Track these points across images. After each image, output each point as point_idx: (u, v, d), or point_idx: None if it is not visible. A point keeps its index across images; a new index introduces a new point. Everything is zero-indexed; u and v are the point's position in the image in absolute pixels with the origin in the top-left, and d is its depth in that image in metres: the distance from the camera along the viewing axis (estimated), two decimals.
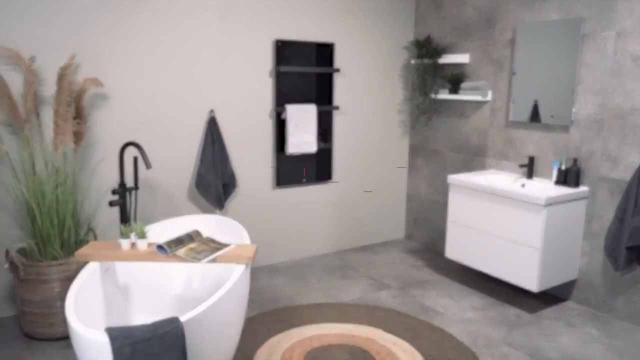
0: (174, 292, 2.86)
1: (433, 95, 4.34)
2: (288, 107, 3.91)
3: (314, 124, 4.03)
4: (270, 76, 3.90)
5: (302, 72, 4.02)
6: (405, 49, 4.56)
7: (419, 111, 4.62)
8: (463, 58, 4.07)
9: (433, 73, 4.39)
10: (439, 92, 4.34)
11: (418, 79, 4.56)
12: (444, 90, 4.31)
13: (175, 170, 3.60)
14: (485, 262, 3.49)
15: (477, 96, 3.93)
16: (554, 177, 3.45)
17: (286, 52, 3.95)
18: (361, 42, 4.29)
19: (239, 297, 2.22)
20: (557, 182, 3.43)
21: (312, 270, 4.02)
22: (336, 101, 4.25)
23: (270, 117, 3.95)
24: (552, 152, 3.55)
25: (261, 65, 3.84)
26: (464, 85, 4.09)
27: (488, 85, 3.94)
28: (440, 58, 4.24)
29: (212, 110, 3.65)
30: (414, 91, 4.66)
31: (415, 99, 4.66)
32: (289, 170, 4.13)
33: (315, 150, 4.07)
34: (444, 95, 4.19)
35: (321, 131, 4.23)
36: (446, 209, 4.44)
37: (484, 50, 3.96)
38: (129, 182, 3.42)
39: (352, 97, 4.33)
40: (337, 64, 4.19)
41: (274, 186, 4.06)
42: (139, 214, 3.49)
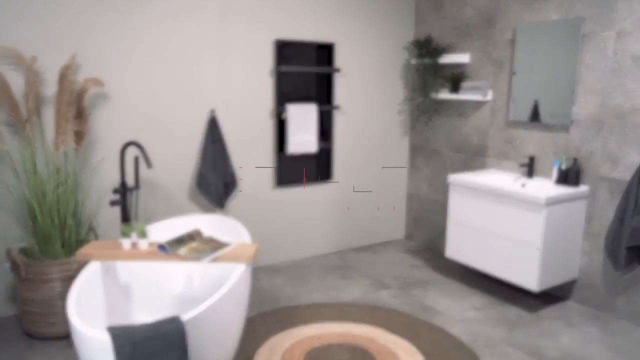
0: (174, 292, 2.87)
1: (433, 95, 4.35)
2: (288, 106, 3.92)
3: (314, 124, 4.04)
4: (270, 76, 3.90)
5: (302, 72, 4.02)
6: (405, 48, 4.57)
7: (419, 111, 4.62)
8: (463, 58, 4.07)
9: (433, 73, 4.39)
10: (439, 92, 4.35)
11: (418, 78, 4.56)
12: (444, 90, 4.31)
13: (175, 169, 3.61)
14: (486, 262, 3.50)
15: (477, 96, 3.94)
16: (554, 177, 3.45)
17: (286, 52, 3.96)
18: (361, 41, 4.30)
19: (239, 297, 2.22)
20: (557, 182, 3.44)
21: (312, 270, 4.03)
22: (336, 101, 4.25)
23: (270, 117, 3.96)
24: (552, 152, 3.56)
25: (261, 65, 3.85)
26: (464, 85, 4.10)
27: (488, 85, 3.95)
28: (440, 58, 4.25)
29: (212, 110, 3.65)
30: (414, 91, 4.66)
31: (415, 98, 4.66)
32: (289, 170, 4.13)
33: (315, 150, 4.08)
34: (444, 95, 4.20)
35: (321, 131, 4.24)
36: (446, 208, 4.44)
37: (484, 50, 3.96)
38: (129, 181, 3.43)
39: (352, 97, 4.33)
40: (337, 63, 4.19)
41: (274, 186, 4.06)
42: (139, 213, 3.49)
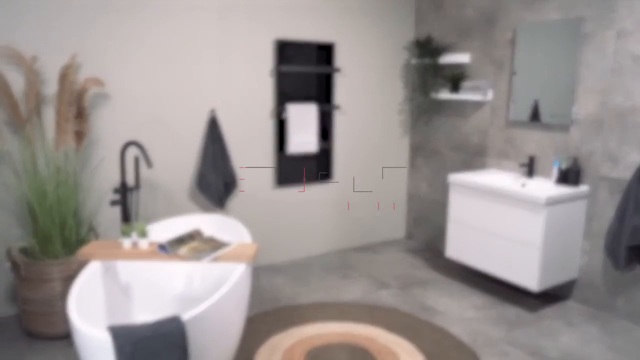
0: (175, 291, 2.87)
1: (433, 95, 4.35)
2: (288, 106, 3.92)
3: (314, 124, 4.04)
4: (270, 76, 3.90)
5: (302, 71, 4.03)
6: (405, 48, 4.57)
7: (419, 111, 4.62)
8: (463, 58, 4.07)
9: (433, 73, 4.39)
10: (439, 91, 4.35)
11: (418, 78, 4.56)
12: (444, 90, 4.31)
13: (176, 169, 3.61)
14: (486, 262, 3.50)
15: (478, 96, 3.94)
16: (554, 177, 3.46)
17: (286, 51, 3.96)
18: (361, 41, 4.30)
19: (240, 296, 2.22)
20: (557, 182, 3.44)
21: (312, 270, 4.03)
22: (336, 101, 4.25)
23: (270, 117, 3.96)
24: (552, 152, 3.56)
25: (261, 65, 3.85)
26: (464, 85, 4.10)
27: (488, 85, 3.95)
28: (440, 58, 4.25)
29: (212, 110, 3.65)
30: (414, 91, 4.66)
31: (415, 98, 4.66)
32: (289, 170, 4.13)
33: (315, 149, 4.08)
34: (444, 95, 4.20)
35: (322, 131, 4.24)
36: (446, 208, 4.44)
37: (485, 50, 3.96)
38: (130, 181, 3.43)
39: (352, 97, 4.33)
40: (337, 63, 4.20)
41: (274, 186, 4.06)
42: (140, 213, 3.49)
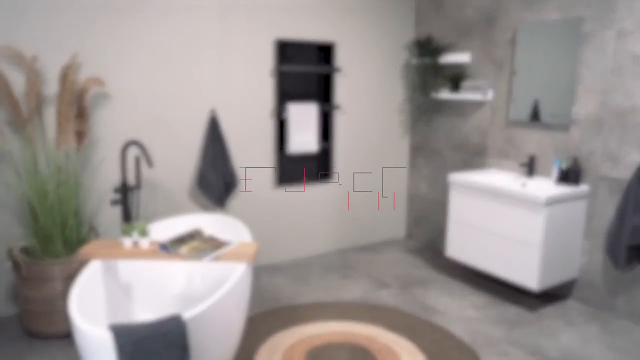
0: (175, 291, 2.87)
1: (433, 95, 4.35)
2: (289, 106, 3.92)
3: (314, 124, 4.04)
4: (270, 76, 3.90)
5: (302, 71, 4.03)
6: (405, 48, 4.57)
7: (420, 111, 4.63)
8: (463, 57, 4.08)
9: (433, 73, 4.40)
10: (440, 91, 4.35)
11: (418, 78, 4.57)
12: (445, 90, 4.31)
13: (176, 169, 3.62)
14: (486, 261, 3.50)
15: (478, 96, 3.94)
16: (554, 176, 3.46)
17: (287, 51, 3.96)
18: (362, 41, 4.30)
19: (240, 296, 2.22)
20: (557, 181, 3.44)
21: (312, 270, 4.03)
22: (337, 101, 4.25)
23: (270, 117, 3.96)
24: (552, 151, 3.56)
25: (262, 65, 3.85)
26: (464, 84, 4.10)
27: (488, 84, 3.95)
28: (440, 57, 4.25)
29: (213, 110, 3.66)
30: (414, 91, 4.67)
31: (415, 98, 4.67)
32: (289, 170, 4.14)
33: (315, 149, 4.08)
34: (444, 94, 4.20)
35: (322, 131, 4.24)
36: (446, 208, 4.45)
37: (485, 50, 3.97)
38: (130, 181, 3.43)
39: (352, 97, 4.34)
40: (337, 63, 4.20)
41: (274, 185, 4.07)
42: (140, 212, 3.50)
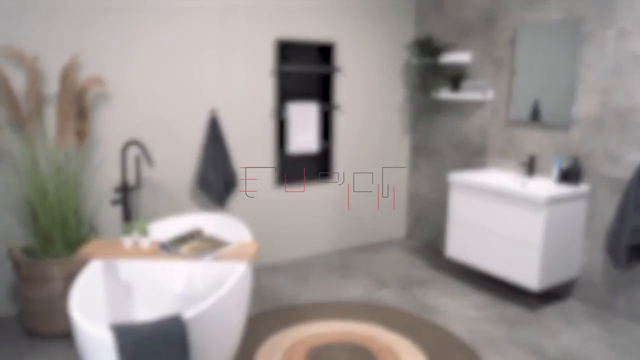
0: (175, 290, 2.87)
1: (434, 95, 4.35)
2: (289, 106, 3.92)
3: (314, 123, 4.04)
4: (271, 75, 3.91)
5: (302, 71, 4.03)
6: (406, 48, 4.57)
7: (420, 110, 4.63)
8: (464, 57, 4.08)
9: (434, 72, 4.40)
10: (440, 91, 4.35)
11: (419, 78, 4.57)
12: (445, 90, 4.31)
13: (176, 169, 3.62)
14: (486, 261, 3.50)
15: (478, 95, 3.94)
16: (554, 176, 3.46)
17: (287, 51, 3.97)
18: (362, 41, 4.30)
19: (240, 295, 2.22)
20: (557, 181, 3.44)
21: (313, 269, 4.03)
22: (337, 100, 4.25)
23: (271, 117, 3.96)
24: (552, 151, 3.56)
25: (262, 65, 3.85)
26: (464, 84, 4.10)
27: (489, 84, 3.95)
28: (440, 57, 4.25)
29: (213, 110, 3.66)
30: (414, 90, 4.67)
31: (415, 98, 4.67)
32: (290, 170, 4.14)
33: (316, 149, 4.08)
34: (444, 94, 4.20)
35: (322, 130, 4.24)
36: (447, 208, 4.45)
37: (485, 50, 3.97)
38: (131, 180, 3.43)
39: (353, 96, 4.34)
40: (337, 63, 4.20)
41: (275, 185, 4.07)
42: (141, 212, 3.50)
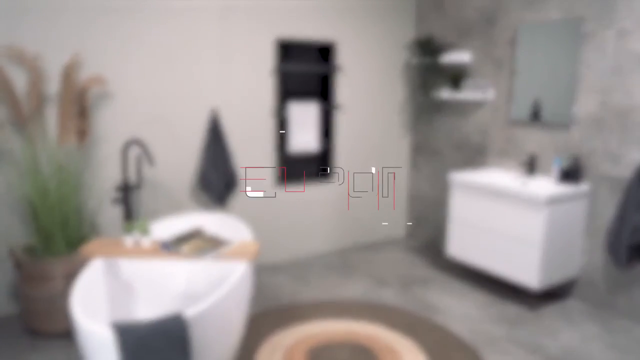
0: (176, 289, 2.87)
1: (434, 94, 4.35)
2: (289, 106, 3.93)
3: (315, 123, 4.05)
4: (271, 75, 3.91)
5: (303, 71, 4.03)
6: (406, 48, 4.57)
7: (420, 110, 4.63)
8: (464, 57, 4.08)
9: (434, 72, 4.40)
10: (440, 91, 4.36)
11: (419, 78, 4.57)
12: (445, 89, 4.32)
13: (177, 168, 3.62)
14: (487, 260, 3.51)
15: (478, 95, 3.95)
16: (555, 175, 3.46)
17: (287, 51, 3.97)
18: (362, 41, 4.30)
19: (241, 294, 2.23)
20: (558, 180, 3.45)
21: (313, 269, 4.04)
22: (337, 100, 4.26)
23: (271, 116, 3.96)
24: (553, 151, 3.57)
25: (262, 65, 3.86)
26: (465, 84, 4.10)
27: (489, 84, 3.96)
28: (441, 57, 4.25)
29: (213, 110, 3.66)
30: (414, 90, 4.67)
31: (416, 98, 4.67)
32: (290, 169, 4.14)
33: (316, 149, 4.09)
34: (445, 94, 4.20)
35: (322, 130, 4.24)
36: (447, 207, 4.45)
37: (485, 50, 3.97)
38: (132, 179, 3.43)
39: (353, 96, 4.34)
40: (338, 63, 4.20)
41: (275, 185, 4.07)
42: (142, 211, 3.50)
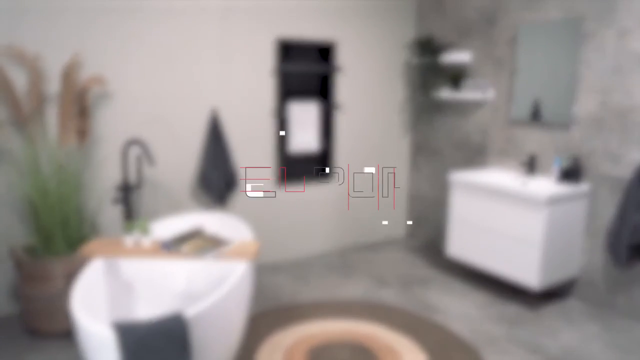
0: (177, 289, 2.88)
1: (434, 94, 4.35)
2: (289, 106, 3.93)
3: (315, 123, 4.05)
4: (271, 75, 3.91)
5: (303, 71, 4.03)
6: (406, 47, 4.57)
7: (420, 110, 4.63)
8: (464, 57, 4.08)
9: (434, 72, 4.40)
10: (440, 90, 4.36)
11: (419, 77, 4.57)
12: (445, 89, 4.32)
13: (177, 168, 3.62)
14: (487, 260, 3.51)
15: (478, 95, 3.95)
16: (555, 175, 3.46)
17: (288, 51, 3.97)
18: (363, 40, 4.30)
19: (242, 294, 2.23)
20: (558, 180, 3.45)
21: (313, 269, 4.04)
22: (338, 100, 4.26)
23: (271, 116, 3.96)
24: (553, 150, 3.57)
25: (263, 64, 3.86)
26: (465, 84, 4.10)
27: (489, 84, 3.96)
28: (441, 57, 4.25)
29: (214, 109, 3.66)
30: (415, 90, 4.67)
31: (416, 97, 4.67)
32: (290, 169, 4.14)
33: (316, 148, 4.09)
34: (445, 94, 4.21)
35: (322, 130, 4.24)
36: (447, 207, 4.45)
37: (485, 49, 3.97)
38: (132, 179, 3.43)
39: (353, 96, 4.34)
40: (338, 62, 4.20)
41: (275, 185, 4.07)
42: (141, 211, 3.50)
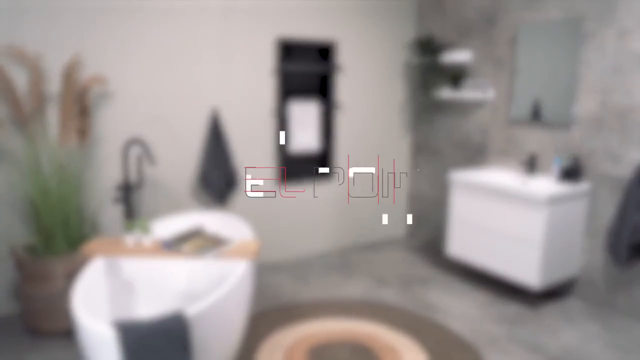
0: (177, 288, 2.88)
1: (434, 94, 4.36)
2: (290, 105, 3.93)
3: (315, 123, 4.05)
4: (272, 75, 3.91)
5: (303, 70, 4.04)
6: (406, 47, 4.58)
7: (420, 110, 4.64)
8: (464, 56, 4.08)
9: (434, 72, 4.41)
10: (441, 90, 4.36)
11: (419, 77, 4.57)
12: (445, 89, 4.32)
13: (178, 167, 3.62)
14: (487, 259, 3.51)
15: (479, 94, 3.95)
16: (555, 175, 3.47)
17: (288, 50, 3.97)
18: (363, 40, 4.31)
19: (242, 293, 2.23)
20: (558, 180, 3.45)
21: (313, 268, 4.04)
22: (338, 99, 4.26)
23: (272, 116, 3.97)
24: (553, 150, 3.57)
25: (263, 64, 3.86)
26: (465, 83, 4.11)
27: (489, 83, 3.96)
28: (441, 56, 4.26)
29: (214, 109, 3.66)
30: (415, 90, 4.67)
31: (416, 97, 4.68)
32: (291, 169, 4.14)
33: (317, 148, 4.09)
34: (445, 93, 4.21)
35: (323, 130, 4.25)
36: (447, 207, 4.45)
37: (486, 49, 3.98)
38: (132, 179, 3.44)
39: (353, 96, 4.34)
40: (338, 62, 4.21)
41: (276, 184, 4.07)
42: (142, 210, 3.50)
